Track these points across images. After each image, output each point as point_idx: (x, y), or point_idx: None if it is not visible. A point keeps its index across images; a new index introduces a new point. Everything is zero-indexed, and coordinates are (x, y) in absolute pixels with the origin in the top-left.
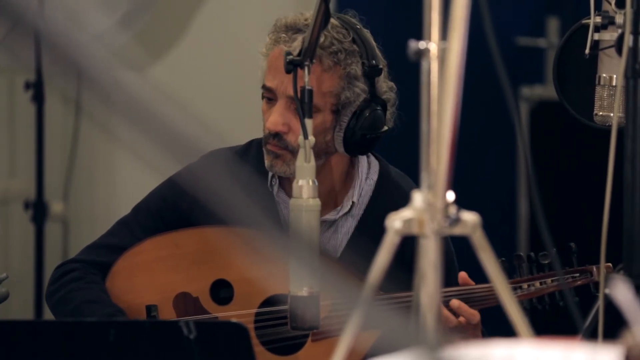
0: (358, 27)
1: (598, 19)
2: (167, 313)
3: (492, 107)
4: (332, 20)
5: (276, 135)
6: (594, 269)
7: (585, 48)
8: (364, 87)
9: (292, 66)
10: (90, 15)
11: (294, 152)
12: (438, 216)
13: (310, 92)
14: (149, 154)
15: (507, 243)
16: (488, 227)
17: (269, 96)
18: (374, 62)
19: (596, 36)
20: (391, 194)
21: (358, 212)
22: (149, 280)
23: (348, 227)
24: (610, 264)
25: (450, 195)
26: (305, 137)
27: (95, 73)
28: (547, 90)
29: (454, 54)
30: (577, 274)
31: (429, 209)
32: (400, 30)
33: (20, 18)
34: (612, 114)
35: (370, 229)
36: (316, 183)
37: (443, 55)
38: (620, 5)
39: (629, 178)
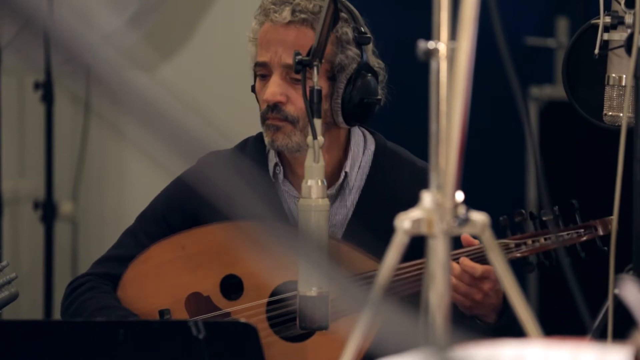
0: None
1: (607, 19)
2: (180, 315)
3: (501, 107)
4: None
5: (274, 108)
6: (598, 224)
7: (594, 48)
8: (357, 52)
9: (302, 66)
10: (99, 15)
11: (294, 123)
12: (447, 216)
13: (319, 92)
14: (158, 154)
15: None
16: (497, 226)
17: (263, 72)
18: (362, 29)
19: (605, 36)
20: (391, 162)
21: (360, 183)
22: (159, 285)
23: (352, 200)
24: (613, 217)
25: (460, 195)
26: (315, 137)
27: (104, 73)
28: (556, 90)
29: (463, 54)
30: (582, 229)
31: (438, 209)
32: (410, 30)
33: (30, 18)
34: (621, 114)
35: (373, 199)
36: (325, 183)
37: (452, 55)
38: (630, 5)
39: (639, 178)
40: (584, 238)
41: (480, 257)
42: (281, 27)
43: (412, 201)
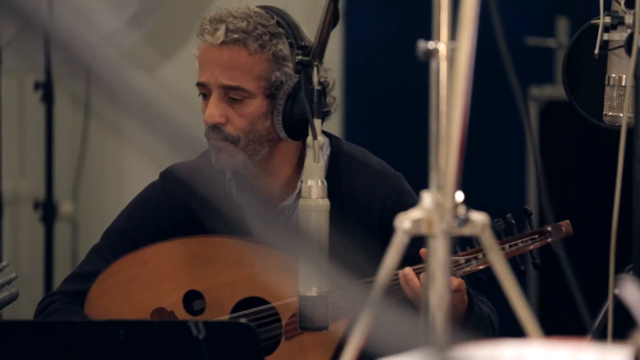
0: (283, 13)
1: (607, 19)
2: None
3: (502, 107)
4: (255, 9)
5: (215, 128)
6: (549, 228)
7: (594, 48)
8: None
9: (301, 66)
10: (99, 15)
11: (235, 142)
12: (447, 216)
13: (319, 92)
14: (158, 153)
15: None
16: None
17: (204, 92)
18: (302, 42)
19: (605, 36)
20: (346, 166)
21: None
22: (124, 300)
23: None
24: (567, 221)
25: (460, 196)
26: (314, 137)
27: (104, 73)
28: (556, 90)
29: (463, 54)
30: (536, 235)
31: (438, 209)
32: (410, 30)
33: (30, 18)
34: (621, 114)
35: (332, 203)
36: (325, 183)
37: (452, 55)
38: (630, 6)
39: (638, 178)
40: (537, 244)
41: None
42: (215, 47)
43: (366, 203)
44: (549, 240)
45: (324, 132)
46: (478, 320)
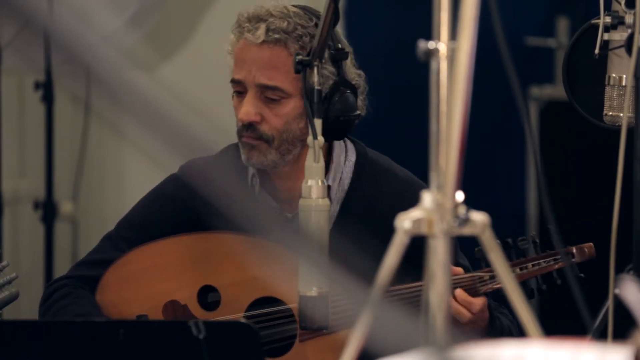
0: (320, 14)
1: (608, 19)
2: None
3: (502, 107)
4: (293, 9)
5: (250, 126)
6: (574, 250)
7: (594, 48)
8: (332, 70)
9: (301, 66)
10: (99, 15)
11: (269, 142)
12: (447, 216)
13: (319, 92)
14: (158, 154)
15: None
16: (497, 227)
17: (239, 89)
18: (339, 45)
19: (606, 36)
20: (371, 173)
21: (340, 195)
22: (137, 290)
23: (332, 211)
24: (591, 243)
25: (460, 196)
26: (315, 137)
27: (104, 73)
28: (556, 90)
29: (464, 54)
30: (559, 256)
31: (438, 209)
32: (410, 30)
33: (30, 18)
34: (621, 114)
35: (353, 210)
36: (325, 183)
37: (452, 55)
38: (630, 5)
39: (639, 178)
40: (560, 265)
41: (472, 288)
42: (255, 46)
43: (392, 212)
44: (572, 261)
45: (349, 138)
46: (499, 334)
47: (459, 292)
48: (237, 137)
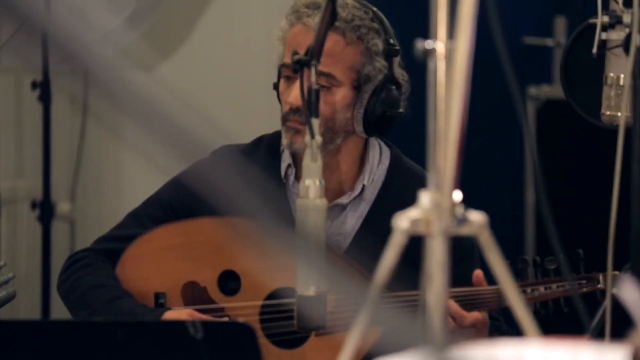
0: (376, 9)
1: (605, 19)
2: (175, 301)
3: (499, 107)
4: (350, 0)
5: (297, 111)
6: (600, 277)
7: (592, 47)
8: (385, 64)
9: (299, 66)
10: (97, 14)
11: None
12: (445, 216)
13: (317, 92)
14: (156, 154)
15: (515, 242)
16: (495, 226)
17: (289, 74)
18: (392, 41)
19: (604, 35)
20: (404, 178)
21: (371, 196)
22: (158, 267)
23: (361, 210)
24: (617, 272)
25: (458, 195)
26: (312, 136)
27: (102, 72)
28: (554, 90)
29: (461, 54)
30: (584, 281)
31: (436, 208)
32: (408, 30)
33: (28, 18)
34: (619, 114)
35: (383, 213)
36: (323, 183)
37: (450, 54)
38: (628, 5)
39: (637, 177)
40: (584, 290)
41: (470, 302)
42: (313, 31)
43: None
44: (598, 287)
45: (385, 142)
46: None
47: (451, 302)
48: (281, 122)
